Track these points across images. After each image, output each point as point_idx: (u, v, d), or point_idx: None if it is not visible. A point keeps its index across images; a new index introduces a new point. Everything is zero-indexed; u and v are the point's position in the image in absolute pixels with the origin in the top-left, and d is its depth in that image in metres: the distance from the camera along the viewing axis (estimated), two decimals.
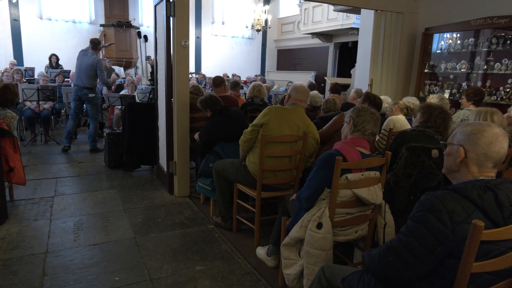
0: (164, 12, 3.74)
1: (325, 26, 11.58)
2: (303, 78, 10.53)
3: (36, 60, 10.73)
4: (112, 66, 10.83)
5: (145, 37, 8.94)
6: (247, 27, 13.31)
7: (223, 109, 3.44)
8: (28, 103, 6.35)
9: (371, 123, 2.12)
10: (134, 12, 12.93)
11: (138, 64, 12.11)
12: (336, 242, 2.07)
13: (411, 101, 3.86)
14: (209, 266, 2.61)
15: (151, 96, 5.55)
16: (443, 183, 2.23)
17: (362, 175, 2.02)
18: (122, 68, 10.98)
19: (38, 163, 5.05)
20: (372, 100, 3.41)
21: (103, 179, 4.53)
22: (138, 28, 11.37)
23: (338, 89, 5.84)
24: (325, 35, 12.44)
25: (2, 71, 7.78)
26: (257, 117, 2.87)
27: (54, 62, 9.82)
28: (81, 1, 11.86)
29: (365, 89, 5.47)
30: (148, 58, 11.29)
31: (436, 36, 5.37)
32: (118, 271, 2.50)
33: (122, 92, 7.11)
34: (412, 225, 1.27)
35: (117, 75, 9.50)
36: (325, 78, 10.06)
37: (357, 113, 2.14)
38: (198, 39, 13.95)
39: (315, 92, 4.89)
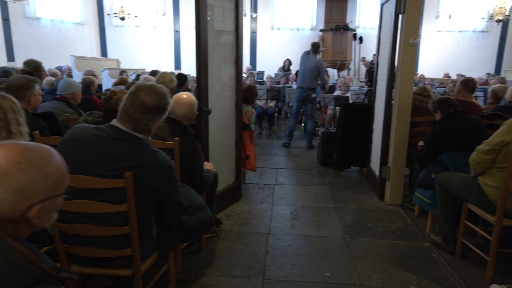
0: (393, 10, 3.57)
1: None
2: None
3: (265, 64, 12.57)
4: (326, 68, 11.37)
5: (360, 39, 8.90)
6: (483, 18, 11.31)
7: (457, 113, 2.97)
8: (258, 102, 7.46)
9: None
10: (351, 15, 13.15)
11: (351, 66, 12.28)
12: None
13: None
14: None
15: (366, 97, 5.49)
16: None
17: None
18: (335, 70, 11.37)
19: (263, 153, 5.85)
20: None
21: (315, 175, 4.80)
22: (354, 30, 11.49)
23: None
24: None
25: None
26: (497, 133, 2.36)
27: (286, 65, 11.15)
28: (305, 10, 13.14)
29: None
30: (362, 59, 11.27)
31: None
32: (328, 267, 2.56)
33: (335, 93, 7.35)
34: None
35: (328, 77, 9.88)
36: None
37: None
38: None
39: None
